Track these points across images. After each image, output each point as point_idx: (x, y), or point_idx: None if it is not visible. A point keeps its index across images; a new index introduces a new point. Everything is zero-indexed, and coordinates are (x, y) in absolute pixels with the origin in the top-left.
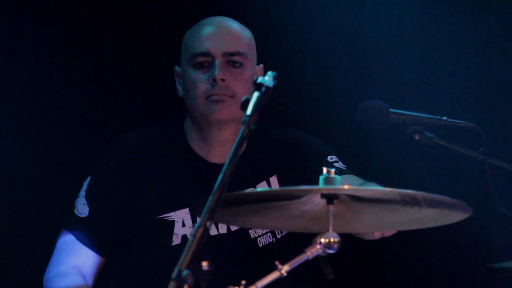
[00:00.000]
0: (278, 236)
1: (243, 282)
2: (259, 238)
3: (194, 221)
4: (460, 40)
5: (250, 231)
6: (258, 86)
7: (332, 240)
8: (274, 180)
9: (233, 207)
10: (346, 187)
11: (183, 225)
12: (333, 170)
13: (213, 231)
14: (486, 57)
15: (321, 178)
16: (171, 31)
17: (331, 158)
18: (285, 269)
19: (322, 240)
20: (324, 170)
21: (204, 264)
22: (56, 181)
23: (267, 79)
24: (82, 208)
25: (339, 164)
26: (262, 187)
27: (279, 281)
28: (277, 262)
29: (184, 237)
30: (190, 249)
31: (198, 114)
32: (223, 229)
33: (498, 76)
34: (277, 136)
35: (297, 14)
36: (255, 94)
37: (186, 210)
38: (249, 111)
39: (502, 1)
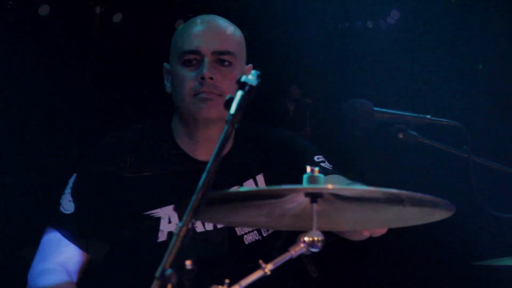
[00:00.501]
0: (264, 234)
1: (227, 281)
2: (245, 236)
3: (180, 217)
4: (444, 40)
5: (236, 228)
6: (241, 85)
7: (315, 238)
8: (260, 178)
9: (217, 206)
10: (330, 186)
11: (169, 221)
12: (316, 169)
13: (199, 228)
14: (470, 56)
15: (305, 176)
16: (160, 28)
17: (318, 158)
18: (268, 267)
19: (306, 238)
20: (308, 168)
21: (188, 263)
22: (41, 179)
23: (251, 78)
24: (67, 205)
25: (326, 164)
26: (248, 185)
27: (265, 279)
28: (261, 261)
29: (170, 234)
30: (173, 248)
31: (185, 112)
32: (209, 225)
33: (482, 75)
34: (264, 135)
35: (285, 13)
36: (239, 93)
37: (172, 206)
38: (232, 110)
39: (488, 3)
